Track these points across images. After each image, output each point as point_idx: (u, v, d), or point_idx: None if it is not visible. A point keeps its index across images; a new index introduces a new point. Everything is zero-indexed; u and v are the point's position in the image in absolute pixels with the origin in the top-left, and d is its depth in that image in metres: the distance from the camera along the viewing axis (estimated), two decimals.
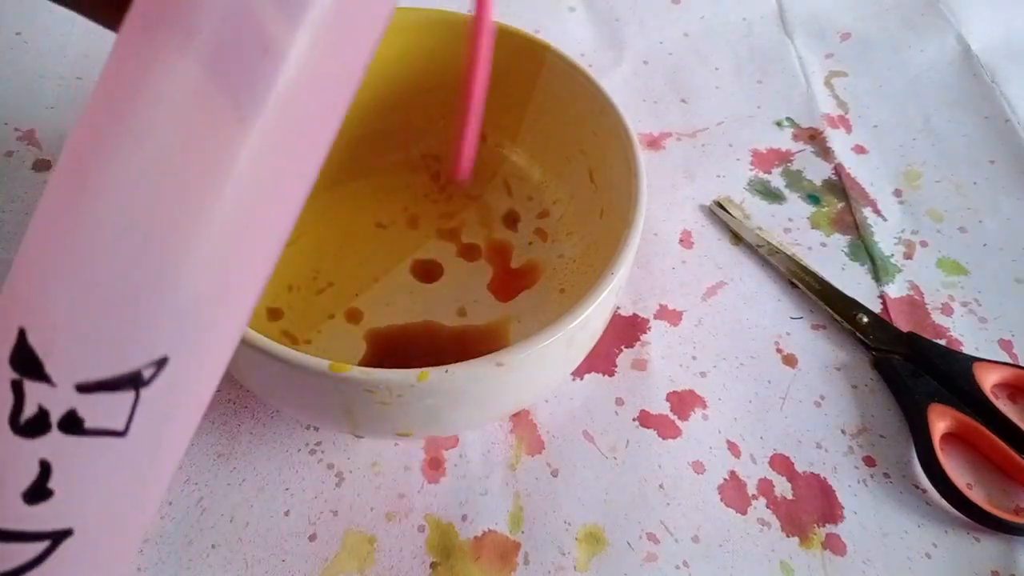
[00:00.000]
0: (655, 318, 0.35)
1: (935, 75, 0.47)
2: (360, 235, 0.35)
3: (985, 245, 0.39)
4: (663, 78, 0.46)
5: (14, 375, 0.12)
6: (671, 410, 0.32)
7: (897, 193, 0.41)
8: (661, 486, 0.30)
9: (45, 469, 0.12)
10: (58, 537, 0.13)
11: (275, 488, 0.29)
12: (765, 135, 0.43)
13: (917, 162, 0.43)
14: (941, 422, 0.31)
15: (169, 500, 0.29)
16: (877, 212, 0.40)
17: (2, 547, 0.12)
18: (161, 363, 0.12)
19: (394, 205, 0.36)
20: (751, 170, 0.42)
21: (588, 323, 0.24)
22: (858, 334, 0.34)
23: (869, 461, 0.31)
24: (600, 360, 0.33)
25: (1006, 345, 0.35)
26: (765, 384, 0.33)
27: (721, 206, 0.39)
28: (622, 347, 0.34)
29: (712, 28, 0.49)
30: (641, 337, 0.34)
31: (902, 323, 0.35)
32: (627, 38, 0.48)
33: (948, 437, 0.32)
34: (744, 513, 0.30)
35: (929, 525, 0.30)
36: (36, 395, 0.12)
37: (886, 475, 0.31)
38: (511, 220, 0.36)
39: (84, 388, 0.12)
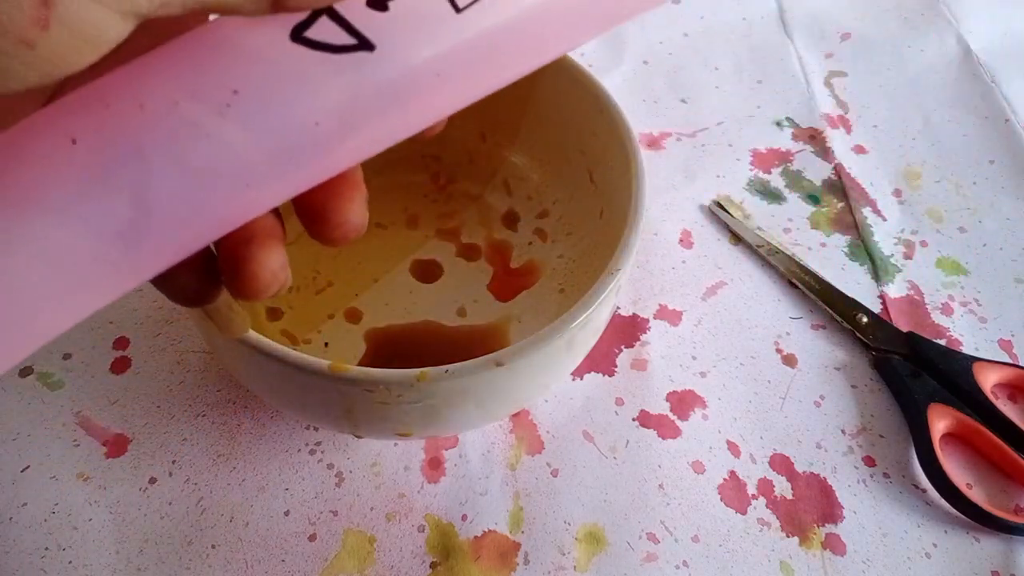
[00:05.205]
0: (655, 318, 0.35)
1: (935, 75, 0.47)
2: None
3: (985, 245, 0.39)
4: (663, 78, 0.46)
5: None
6: (671, 410, 0.32)
7: (897, 193, 0.41)
8: (661, 486, 0.30)
9: None
10: (362, 46, 0.14)
11: (275, 488, 0.29)
12: (765, 135, 0.43)
13: (917, 162, 0.43)
14: (941, 422, 0.31)
15: (169, 500, 0.29)
16: (877, 212, 0.40)
17: (331, 25, 0.13)
18: None
19: (394, 205, 0.36)
20: (751, 170, 0.42)
21: (588, 323, 0.24)
22: (858, 334, 0.34)
23: (869, 461, 0.31)
24: (600, 360, 0.33)
25: (1006, 345, 0.35)
26: (765, 384, 0.33)
27: (721, 206, 0.39)
28: (622, 347, 0.34)
29: (712, 28, 0.49)
30: (641, 337, 0.34)
31: (902, 323, 0.35)
32: (627, 38, 0.48)
33: (948, 437, 0.32)
34: (744, 513, 0.30)
35: (929, 525, 0.30)
36: None
37: (886, 475, 0.31)
38: (511, 220, 0.36)
39: None
